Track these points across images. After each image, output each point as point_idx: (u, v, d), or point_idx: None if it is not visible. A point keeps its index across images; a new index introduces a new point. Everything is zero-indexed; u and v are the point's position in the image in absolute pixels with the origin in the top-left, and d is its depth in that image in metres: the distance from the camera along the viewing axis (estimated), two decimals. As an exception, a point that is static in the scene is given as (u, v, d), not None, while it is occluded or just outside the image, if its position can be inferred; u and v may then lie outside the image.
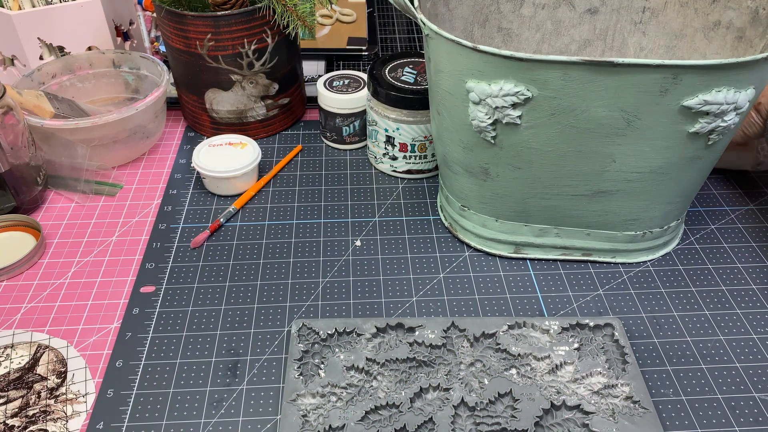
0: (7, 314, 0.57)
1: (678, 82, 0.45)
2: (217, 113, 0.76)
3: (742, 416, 0.49)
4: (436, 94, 0.55)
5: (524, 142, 0.51)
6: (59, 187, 0.70)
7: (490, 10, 0.65)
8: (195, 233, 0.65)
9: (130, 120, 0.69)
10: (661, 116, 0.48)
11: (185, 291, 0.59)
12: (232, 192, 0.70)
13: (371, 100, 0.69)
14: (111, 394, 0.50)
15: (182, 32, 0.70)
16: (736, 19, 0.58)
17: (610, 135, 0.50)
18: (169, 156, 0.76)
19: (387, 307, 0.57)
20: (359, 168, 0.74)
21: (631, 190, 0.54)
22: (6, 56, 0.79)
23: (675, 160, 0.52)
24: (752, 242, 0.64)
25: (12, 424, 0.48)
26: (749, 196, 0.70)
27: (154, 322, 0.56)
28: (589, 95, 0.47)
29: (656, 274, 0.61)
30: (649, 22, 0.64)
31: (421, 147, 0.69)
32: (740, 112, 0.48)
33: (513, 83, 0.47)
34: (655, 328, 0.55)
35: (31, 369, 0.52)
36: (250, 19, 0.68)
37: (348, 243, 0.64)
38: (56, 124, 0.66)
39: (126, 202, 0.69)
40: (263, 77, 0.74)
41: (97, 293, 0.59)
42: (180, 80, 0.76)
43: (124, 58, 0.78)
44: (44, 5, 0.76)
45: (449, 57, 0.50)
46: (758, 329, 0.55)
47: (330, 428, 0.47)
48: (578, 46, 0.67)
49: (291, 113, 0.80)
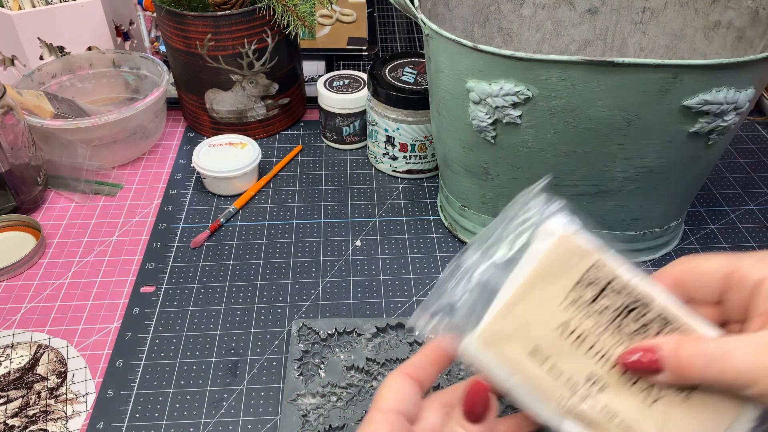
0: (7, 314, 0.57)
1: (678, 82, 0.45)
2: (217, 113, 0.76)
3: (743, 416, 0.49)
4: (436, 93, 0.55)
5: (524, 141, 0.51)
6: (59, 187, 0.70)
7: (490, 10, 0.65)
8: (195, 233, 0.65)
9: (130, 120, 0.69)
10: (662, 116, 0.48)
11: (185, 291, 0.59)
12: (232, 192, 0.70)
13: (371, 100, 0.69)
14: (111, 394, 0.50)
15: (182, 32, 0.70)
16: (736, 19, 0.58)
17: (610, 135, 0.50)
18: (169, 156, 0.76)
19: (387, 307, 0.57)
20: (359, 168, 0.74)
21: (631, 189, 0.54)
22: (6, 56, 0.79)
23: (675, 160, 0.52)
24: (752, 242, 0.64)
25: (12, 424, 0.48)
26: (749, 197, 0.70)
27: (154, 322, 0.56)
28: (589, 95, 0.47)
29: (656, 274, 0.60)
30: (649, 22, 0.64)
31: (421, 147, 0.69)
32: (740, 111, 0.48)
33: (513, 83, 0.47)
34: (656, 328, 0.55)
35: (31, 369, 0.52)
36: (250, 19, 0.68)
37: (348, 243, 0.64)
38: (56, 124, 0.66)
39: (126, 202, 0.69)
40: (263, 77, 0.74)
41: (97, 293, 0.59)
42: (180, 80, 0.76)
43: (124, 58, 0.78)
44: (44, 5, 0.76)
45: (449, 57, 0.50)
46: (758, 329, 0.55)
47: (330, 428, 0.47)
48: (578, 46, 0.67)
49: (291, 113, 0.80)
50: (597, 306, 0.33)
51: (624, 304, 0.33)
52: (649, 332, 0.32)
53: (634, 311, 0.33)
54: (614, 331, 0.33)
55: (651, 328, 0.32)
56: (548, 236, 0.34)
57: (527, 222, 0.35)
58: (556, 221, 0.34)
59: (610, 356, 0.32)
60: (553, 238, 0.34)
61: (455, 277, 0.35)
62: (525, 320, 0.33)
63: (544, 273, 0.33)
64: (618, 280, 0.33)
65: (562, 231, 0.34)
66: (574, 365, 0.32)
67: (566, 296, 0.33)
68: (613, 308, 0.33)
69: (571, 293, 0.33)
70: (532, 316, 0.33)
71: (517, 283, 0.34)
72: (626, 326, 0.32)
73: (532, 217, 0.34)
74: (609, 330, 0.33)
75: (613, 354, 0.32)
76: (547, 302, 0.33)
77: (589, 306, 0.33)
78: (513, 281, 0.34)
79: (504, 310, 0.33)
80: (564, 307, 0.33)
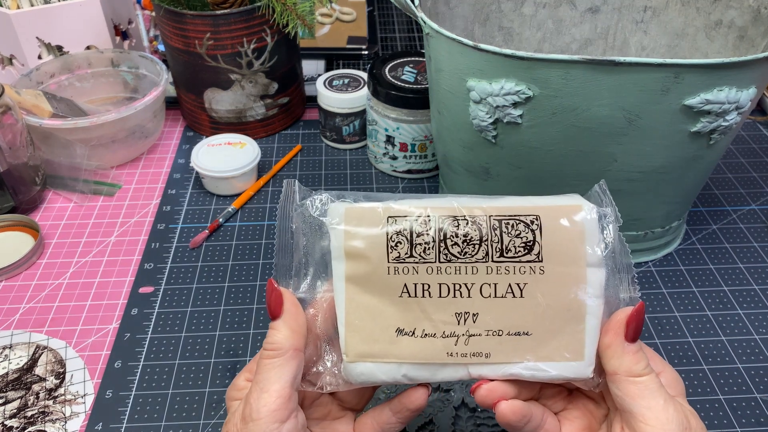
0: (5, 315, 0.56)
1: (679, 81, 0.45)
2: (216, 113, 0.76)
3: (744, 417, 0.49)
4: (436, 93, 0.55)
5: (525, 141, 0.51)
6: (58, 186, 0.70)
7: (490, 9, 0.65)
8: (194, 233, 0.65)
9: (129, 119, 0.69)
10: (663, 115, 0.48)
11: (184, 291, 0.59)
12: (231, 192, 0.69)
13: (371, 100, 0.68)
14: (110, 395, 0.50)
15: (181, 31, 0.69)
16: (737, 19, 0.57)
17: (611, 134, 0.49)
18: (168, 156, 0.76)
19: (387, 307, 0.57)
20: (359, 168, 0.74)
21: (633, 189, 0.54)
22: (4, 55, 0.78)
23: (676, 159, 0.51)
24: (754, 242, 0.64)
25: (10, 425, 0.48)
26: (751, 197, 0.69)
27: (153, 322, 0.56)
28: (590, 94, 0.47)
29: (658, 274, 0.60)
30: (650, 21, 0.64)
31: (422, 147, 0.69)
32: (742, 111, 0.48)
33: (514, 82, 0.47)
34: (657, 329, 0.55)
35: (30, 370, 0.52)
36: (249, 18, 0.68)
37: (348, 243, 0.64)
38: (55, 124, 0.66)
39: (125, 202, 0.69)
40: (262, 76, 0.73)
41: (95, 294, 0.58)
42: (179, 79, 0.76)
43: (123, 57, 0.78)
44: (43, 4, 0.76)
45: (450, 56, 0.50)
46: (760, 330, 0.55)
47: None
48: (579, 45, 0.67)
49: (290, 113, 0.80)
50: (418, 251, 0.33)
51: (436, 232, 0.33)
52: (473, 240, 0.33)
53: (450, 236, 0.33)
54: (446, 260, 0.33)
55: (473, 238, 0.33)
56: (335, 225, 0.34)
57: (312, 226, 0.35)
58: (333, 209, 0.34)
59: (461, 283, 0.33)
60: (341, 225, 0.34)
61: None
62: (372, 312, 0.33)
63: (355, 257, 0.33)
64: (418, 217, 0.33)
65: (343, 210, 0.34)
66: (439, 314, 0.33)
67: (389, 262, 0.33)
68: (431, 242, 0.33)
69: (391, 257, 0.33)
70: (375, 302, 0.33)
71: (342, 285, 0.34)
72: (452, 248, 0.33)
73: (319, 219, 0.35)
74: (443, 263, 0.33)
75: (463, 280, 0.33)
76: (378, 281, 0.33)
77: (412, 256, 0.33)
78: (338, 285, 0.34)
79: (348, 319, 0.34)
80: (394, 274, 0.33)
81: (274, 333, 0.33)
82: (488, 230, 0.33)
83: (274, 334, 0.33)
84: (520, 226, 0.33)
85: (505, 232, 0.33)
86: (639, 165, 0.52)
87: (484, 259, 0.33)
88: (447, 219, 0.33)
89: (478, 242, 0.33)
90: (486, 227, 0.33)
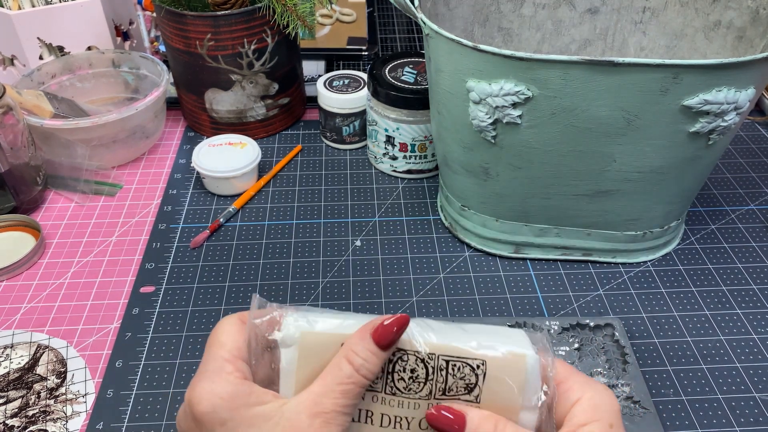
0: (6, 314, 0.57)
1: (678, 82, 0.45)
2: (216, 113, 0.76)
3: (743, 416, 0.49)
4: (436, 93, 0.55)
5: (525, 141, 0.51)
6: (59, 187, 0.70)
7: (490, 10, 0.65)
8: (195, 233, 0.65)
9: (130, 120, 0.69)
10: (662, 116, 0.48)
11: (185, 291, 0.59)
12: (231, 192, 0.69)
13: (371, 100, 0.69)
14: (111, 394, 0.50)
15: (182, 32, 0.69)
16: (736, 19, 0.58)
17: (610, 134, 0.50)
18: (169, 156, 0.76)
19: (387, 307, 0.57)
20: (359, 168, 0.74)
21: (632, 189, 0.54)
22: (6, 56, 0.79)
23: (675, 159, 0.52)
24: (752, 242, 0.64)
25: (12, 425, 0.48)
26: (749, 197, 0.70)
27: (154, 322, 0.56)
28: (589, 95, 0.47)
29: (656, 274, 0.60)
30: (649, 22, 0.64)
31: (421, 147, 0.69)
32: (740, 111, 0.48)
33: (513, 83, 0.47)
34: (656, 328, 0.55)
35: (31, 369, 0.52)
36: (249, 19, 0.68)
37: (348, 243, 0.64)
38: (56, 124, 0.66)
39: (126, 202, 0.69)
40: (263, 77, 0.74)
41: (96, 293, 0.59)
42: (180, 80, 0.76)
43: (124, 57, 0.78)
44: (44, 5, 0.76)
45: (449, 56, 0.50)
46: (758, 329, 0.55)
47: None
48: (578, 46, 0.67)
49: (291, 113, 0.80)
50: None
51: (386, 363, 0.33)
52: (419, 378, 0.33)
53: (398, 370, 0.33)
54: (390, 392, 0.33)
55: (419, 375, 0.33)
56: (289, 344, 0.33)
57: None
58: (287, 324, 0.33)
59: (402, 416, 0.33)
60: (295, 345, 0.33)
61: None
62: None
63: (306, 380, 0.33)
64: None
65: (299, 335, 0.33)
66: None
67: None
68: (381, 372, 0.33)
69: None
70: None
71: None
72: (398, 383, 0.33)
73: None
74: (388, 395, 0.33)
75: (404, 414, 0.33)
76: None
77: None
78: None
79: None
80: None
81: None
82: (435, 370, 0.33)
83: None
84: (465, 369, 0.33)
85: (451, 373, 0.33)
86: (638, 165, 0.52)
87: (426, 397, 0.33)
88: (399, 352, 0.33)
89: (423, 380, 0.33)
90: (433, 366, 0.33)
